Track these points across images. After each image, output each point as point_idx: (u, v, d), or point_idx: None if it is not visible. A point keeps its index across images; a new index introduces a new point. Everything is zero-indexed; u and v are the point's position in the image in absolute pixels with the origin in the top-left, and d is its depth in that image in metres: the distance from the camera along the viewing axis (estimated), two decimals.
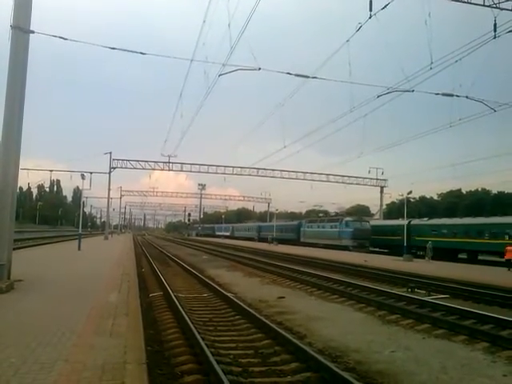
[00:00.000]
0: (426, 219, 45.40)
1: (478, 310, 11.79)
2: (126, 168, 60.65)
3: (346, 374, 6.09)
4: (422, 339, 9.15)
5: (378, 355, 7.77)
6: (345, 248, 46.27)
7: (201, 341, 7.43)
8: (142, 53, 17.33)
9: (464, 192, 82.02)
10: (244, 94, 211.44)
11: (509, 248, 26.72)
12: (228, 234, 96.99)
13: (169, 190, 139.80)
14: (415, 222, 45.45)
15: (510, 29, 16.99)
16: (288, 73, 18.95)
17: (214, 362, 6.23)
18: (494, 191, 75.61)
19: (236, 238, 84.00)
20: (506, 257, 26.57)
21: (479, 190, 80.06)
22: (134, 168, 61.55)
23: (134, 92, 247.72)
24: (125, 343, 6.49)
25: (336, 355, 7.72)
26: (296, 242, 59.89)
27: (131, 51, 17.29)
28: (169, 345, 7.99)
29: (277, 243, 57.89)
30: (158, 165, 61.77)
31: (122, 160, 60.01)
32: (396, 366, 7.16)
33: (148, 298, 13.25)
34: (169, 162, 60.41)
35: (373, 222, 54.13)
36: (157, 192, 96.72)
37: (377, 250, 49.55)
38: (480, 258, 38.11)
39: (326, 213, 73.14)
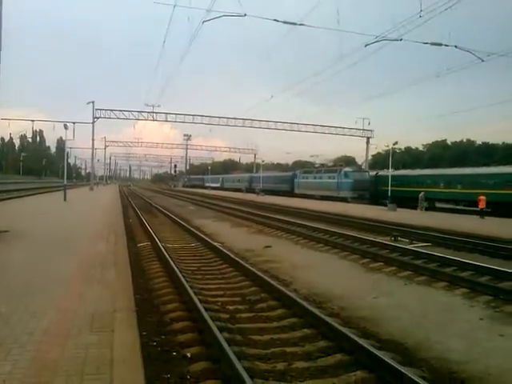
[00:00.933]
0: (391, 170, 45.81)
1: (459, 257, 12.14)
2: (109, 118, 59.47)
3: (329, 319, 6.29)
4: (404, 285, 9.45)
5: (361, 301, 8.02)
6: (343, 199, 44.42)
7: (189, 289, 7.57)
8: None
9: (449, 143, 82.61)
10: (230, 42, 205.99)
11: (481, 197, 28.02)
12: (218, 185, 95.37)
13: (154, 140, 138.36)
14: (381, 173, 47.28)
15: None
16: (275, 19, 18.45)
17: (202, 309, 6.37)
18: (479, 142, 76.34)
19: (226, 190, 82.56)
20: (480, 206, 27.74)
21: (464, 140, 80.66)
22: (118, 118, 60.27)
23: (117, 40, 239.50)
24: (114, 292, 6.59)
25: (320, 301, 7.95)
26: (290, 193, 58.20)
27: None
28: (158, 293, 8.14)
29: (263, 194, 58.13)
30: (142, 115, 60.62)
31: (106, 110, 58.71)
32: (378, 311, 7.41)
33: (136, 247, 13.36)
34: (153, 112, 59.35)
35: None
36: (141, 143, 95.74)
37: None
38: (438, 205, 39.68)
39: (311, 164, 72.70)
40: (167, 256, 10.78)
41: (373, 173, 49.22)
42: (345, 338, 5.60)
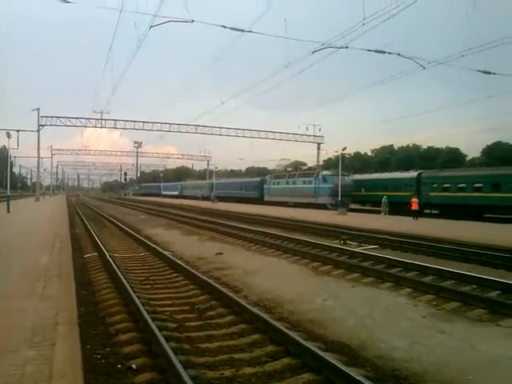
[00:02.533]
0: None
1: (405, 258, 12.55)
2: (55, 125, 57.57)
3: (278, 324, 6.34)
4: (352, 287, 9.66)
5: (309, 305, 8.13)
6: (322, 206, 41.22)
7: (136, 299, 7.42)
8: (66, 1, 16.18)
9: (396, 147, 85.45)
10: (181, 47, 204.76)
11: (413, 200, 30.45)
12: (176, 192, 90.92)
13: (103, 148, 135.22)
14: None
15: None
16: (223, 26, 18.49)
17: (149, 319, 6.26)
18: (424, 146, 79.32)
19: (185, 198, 78.41)
20: (412, 207, 30.14)
21: (410, 145, 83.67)
22: (65, 125, 58.48)
23: (62, 44, 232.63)
24: (56, 305, 6.37)
25: (270, 306, 8.00)
26: (259, 201, 53.42)
27: None
28: (104, 305, 7.92)
29: (217, 201, 57.70)
30: (90, 122, 58.99)
31: (51, 117, 56.77)
32: (326, 313, 7.53)
33: (82, 258, 12.96)
34: (101, 119, 57.84)
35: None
36: (90, 150, 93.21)
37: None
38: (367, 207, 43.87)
39: (264, 170, 72.43)
40: (114, 266, 10.52)
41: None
42: (292, 342, 5.66)
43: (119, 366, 5.17)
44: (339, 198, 37.95)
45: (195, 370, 4.96)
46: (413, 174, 39.73)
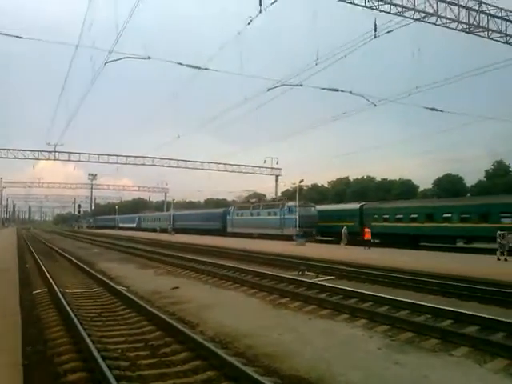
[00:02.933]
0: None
1: (360, 289, 12.70)
2: (6, 158, 55.83)
3: (233, 360, 6.21)
4: (309, 320, 9.64)
5: (266, 338, 8.03)
6: (288, 238, 39.91)
7: (86, 337, 7.11)
8: (18, 37, 15.96)
9: (351, 179, 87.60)
10: (137, 82, 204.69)
11: (366, 230, 32.10)
12: (133, 225, 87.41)
13: (56, 180, 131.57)
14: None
15: (388, 29, 18.39)
16: (179, 63, 18.72)
17: (99, 358, 6.00)
18: (378, 178, 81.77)
19: (144, 230, 75.28)
20: (365, 237, 31.51)
21: (365, 177, 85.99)
22: (16, 158, 56.83)
23: (14, 74, 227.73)
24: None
25: (227, 341, 7.84)
26: (221, 232, 52.67)
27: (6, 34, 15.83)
28: (52, 343, 7.52)
29: (174, 233, 56.93)
30: (43, 154, 57.56)
31: (2, 149, 55.10)
32: (283, 347, 7.45)
33: (31, 295, 12.36)
34: (55, 151, 56.50)
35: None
36: (42, 183, 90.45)
37: None
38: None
39: (223, 201, 72.10)
40: (64, 303, 10.08)
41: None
42: (248, 378, 5.54)
43: None
44: (301, 230, 38.51)
45: None
46: (355, 205, 41.60)
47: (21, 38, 15.63)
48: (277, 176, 68.73)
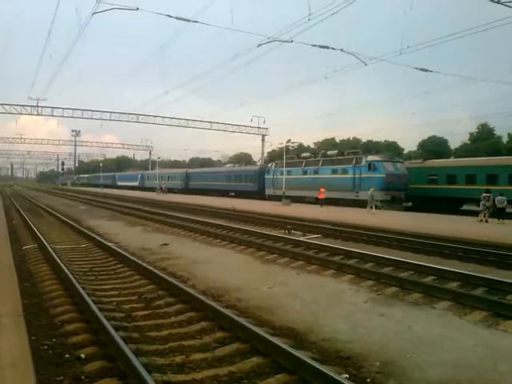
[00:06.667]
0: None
1: (345, 246, 13.03)
2: None
3: (226, 311, 6.45)
4: (297, 275, 9.94)
5: (256, 292, 8.30)
6: (363, 205, 28.51)
7: (81, 289, 7.28)
8: None
9: (338, 141, 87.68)
10: (124, 36, 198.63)
11: (321, 189, 32.43)
12: (135, 184, 79.24)
13: (39, 136, 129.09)
14: None
15: None
16: (168, 15, 18.20)
17: (96, 309, 6.18)
18: (364, 140, 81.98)
19: (147, 190, 67.06)
20: (319, 196, 32.21)
21: (351, 138, 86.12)
22: None
23: None
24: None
25: (218, 295, 8.09)
26: (257, 195, 43.17)
27: None
28: (47, 296, 7.68)
29: (164, 193, 54.75)
30: (26, 109, 56.15)
31: None
32: (273, 300, 7.73)
33: (21, 250, 12.44)
34: (37, 106, 55.15)
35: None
36: (25, 139, 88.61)
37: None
38: None
39: (209, 160, 70.46)
40: (56, 258, 10.21)
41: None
42: (240, 328, 5.79)
43: (67, 355, 5.08)
44: (388, 193, 30.05)
45: (146, 357, 4.98)
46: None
47: None
48: (263, 136, 68.35)
